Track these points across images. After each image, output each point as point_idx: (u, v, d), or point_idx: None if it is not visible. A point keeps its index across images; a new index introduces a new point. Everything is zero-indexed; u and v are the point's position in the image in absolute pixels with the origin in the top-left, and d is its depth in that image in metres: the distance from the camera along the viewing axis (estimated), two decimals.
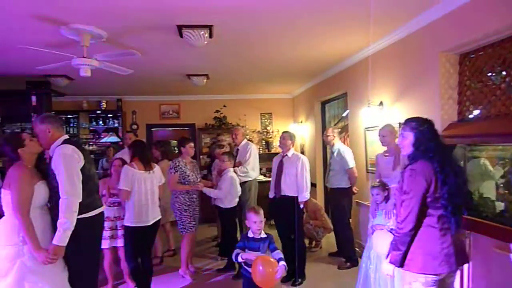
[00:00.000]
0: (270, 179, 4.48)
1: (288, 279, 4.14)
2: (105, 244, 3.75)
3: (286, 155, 4.26)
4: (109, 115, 7.91)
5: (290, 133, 4.38)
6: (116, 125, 7.86)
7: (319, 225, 5.33)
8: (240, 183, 4.68)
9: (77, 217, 2.51)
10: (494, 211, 2.83)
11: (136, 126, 8.14)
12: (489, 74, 3.02)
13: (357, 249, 4.73)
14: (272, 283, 2.80)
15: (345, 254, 4.72)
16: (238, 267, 4.05)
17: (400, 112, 3.98)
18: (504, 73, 2.87)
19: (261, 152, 7.94)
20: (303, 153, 7.17)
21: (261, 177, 6.85)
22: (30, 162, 2.62)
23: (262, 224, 3.07)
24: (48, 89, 6.05)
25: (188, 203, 4.28)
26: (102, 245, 3.50)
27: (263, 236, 3.07)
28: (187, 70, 5.71)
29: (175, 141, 6.99)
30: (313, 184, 6.36)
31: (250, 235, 3.08)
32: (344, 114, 6.29)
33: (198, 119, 8.26)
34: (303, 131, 7.70)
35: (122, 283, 4.15)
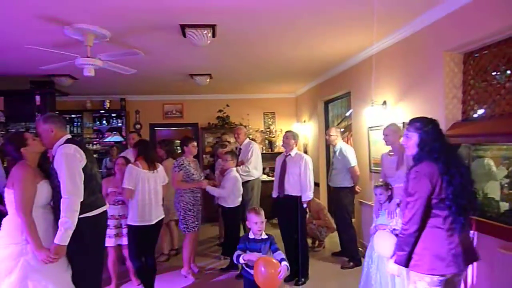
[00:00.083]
0: (273, 179, 4.47)
1: (291, 279, 4.13)
2: (110, 242, 3.78)
3: (289, 155, 4.25)
4: (113, 115, 7.94)
5: (293, 133, 4.37)
6: (120, 125, 7.89)
7: (322, 225, 5.32)
8: (243, 183, 4.68)
9: (80, 216, 2.51)
10: (499, 211, 2.82)
11: (140, 126, 8.17)
12: (494, 73, 3.00)
13: (361, 249, 4.73)
14: (275, 285, 2.74)
15: (348, 254, 4.71)
16: (241, 267, 4.05)
17: (404, 112, 3.97)
18: (509, 72, 2.85)
19: (264, 152, 7.95)
20: (306, 153, 7.16)
21: (264, 177, 6.86)
22: (33, 162, 2.63)
23: (263, 225, 3.01)
24: (52, 89, 6.08)
25: (193, 202, 4.29)
26: (107, 243, 3.53)
27: (264, 237, 3.01)
28: (190, 70, 5.72)
29: (179, 141, 7.00)
30: (316, 184, 6.34)
31: (251, 236, 3.02)
32: (348, 114, 6.28)
33: (201, 119, 8.27)
34: (306, 131, 7.68)
35: (127, 281, 4.16)
